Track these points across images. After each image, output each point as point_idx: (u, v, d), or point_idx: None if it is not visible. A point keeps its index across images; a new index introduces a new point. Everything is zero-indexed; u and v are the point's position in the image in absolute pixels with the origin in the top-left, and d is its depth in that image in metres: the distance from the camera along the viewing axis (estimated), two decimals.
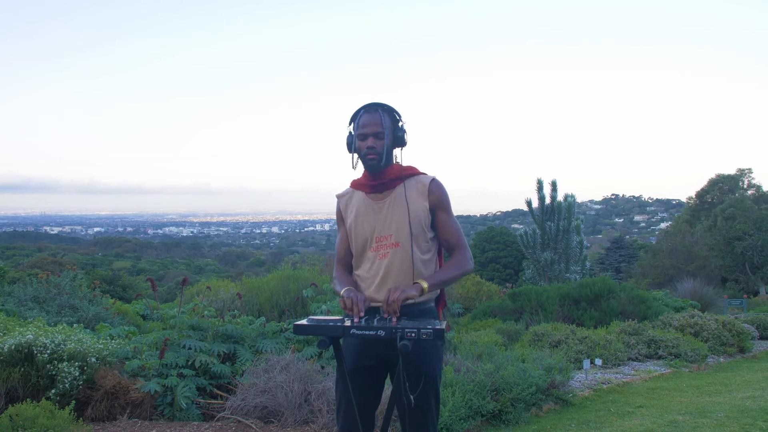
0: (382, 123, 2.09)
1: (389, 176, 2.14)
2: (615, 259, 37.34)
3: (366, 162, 2.11)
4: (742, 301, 14.67)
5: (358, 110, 2.15)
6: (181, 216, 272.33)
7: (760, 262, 25.55)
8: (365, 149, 2.09)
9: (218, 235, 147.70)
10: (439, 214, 2.16)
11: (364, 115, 2.12)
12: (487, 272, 33.28)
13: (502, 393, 4.16)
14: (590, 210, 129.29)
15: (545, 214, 15.46)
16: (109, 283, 21.96)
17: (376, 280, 2.12)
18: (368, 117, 2.11)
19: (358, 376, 2.10)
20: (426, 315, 2.14)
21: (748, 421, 3.98)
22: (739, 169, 32.90)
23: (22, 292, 6.99)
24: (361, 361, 2.10)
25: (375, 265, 2.13)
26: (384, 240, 2.12)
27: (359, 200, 2.20)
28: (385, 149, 2.11)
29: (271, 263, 37.83)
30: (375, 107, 2.13)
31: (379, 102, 2.15)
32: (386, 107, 2.15)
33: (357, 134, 2.11)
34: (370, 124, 2.09)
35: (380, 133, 2.09)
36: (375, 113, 2.11)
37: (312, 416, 3.74)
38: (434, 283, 2.02)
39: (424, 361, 2.05)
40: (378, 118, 2.10)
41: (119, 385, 3.83)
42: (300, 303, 7.85)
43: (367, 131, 2.09)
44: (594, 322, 8.53)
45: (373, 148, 2.08)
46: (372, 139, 2.08)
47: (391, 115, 2.15)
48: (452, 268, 2.10)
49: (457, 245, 2.16)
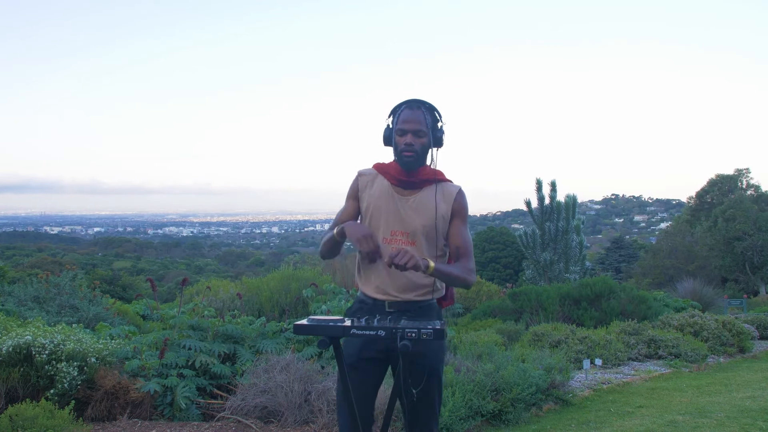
0: (424, 121, 2.08)
1: (421, 176, 2.13)
2: (615, 259, 37.35)
3: (402, 158, 2.09)
4: (742, 301, 14.67)
5: (400, 104, 2.14)
6: (181, 216, 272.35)
7: (760, 262, 25.55)
8: (403, 145, 2.08)
9: (218, 235, 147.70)
10: (456, 221, 2.15)
11: (405, 110, 2.10)
12: (487, 272, 33.30)
13: (502, 393, 4.16)
14: (590, 210, 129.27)
15: (545, 215, 15.46)
16: (109, 283, 21.97)
17: (383, 273, 2.12)
18: (410, 113, 2.09)
19: (361, 367, 2.11)
20: (430, 311, 2.14)
21: (748, 421, 3.98)
22: (737, 169, 32.95)
23: (22, 292, 6.99)
24: (365, 353, 2.11)
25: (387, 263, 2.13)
26: (399, 235, 2.11)
27: (383, 187, 2.17)
28: (423, 148, 2.09)
29: (271, 263, 37.85)
30: (418, 104, 2.11)
31: (422, 99, 2.13)
32: (429, 105, 2.13)
33: (396, 129, 2.10)
34: (411, 120, 2.07)
35: (421, 131, 2.07)
36: (417, 110, 2.09)
37: (312, 416, 3.74)
38: (440, 270, 1.97)
39: (429, 356, 2.06)
40: (420, 116, 2.08)
41: (119, 385, 3.82)
42: (300, 303, 7.86)
43: (407, 127, 2.07)
44: (594, 322, 8.53)
45: (411, 145, 2.07)
46: (411, 136, 2.07)
47: (432, 115, 2.13)
48: (458, 268, 2.07)
49: (466, 254, 2.12)
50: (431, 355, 2.06)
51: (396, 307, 2.13)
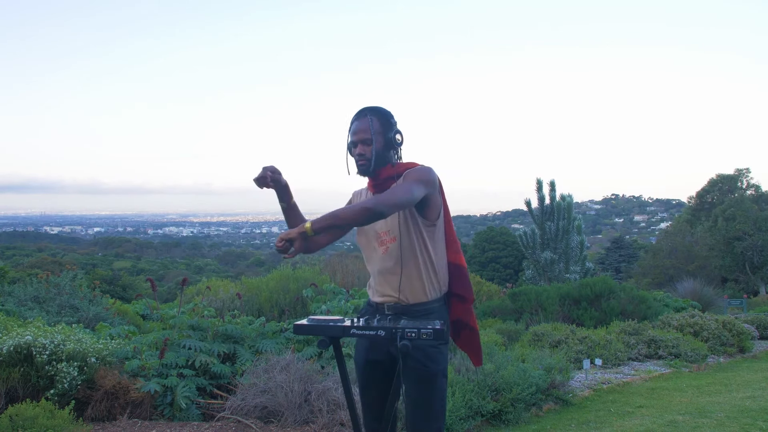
0: (370, 128, 2.13)
1: (384, 175, 2.19)
2: (615, 259, 37.35)
3: (357, 168, 2.18)
4: (742, 301, 14.67)
5: (352, 117, 2.21)
6: (181, 216, 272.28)
7: (760, 262, 25.54)
8: (356, 156, 2.16)
9: (218, 235, 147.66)
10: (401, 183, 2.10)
11: (354, 122, 2.18)
12: (487, 272, 33.30)
13: (502, 393, 4.16)
14: (590, 210, 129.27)
15: (545, 214, 15.47)
16: (109, 283, 21.97)
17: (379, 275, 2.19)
18: (357, 124, 2.16)
19: (369, 370, 2.17)
20: (429, 315, 2.12)
21: (748, 421, 3.98)
22: (737, 169, 32.94)
23: (22, 292, 6.99)
24: (371, 355, 2.17)
25: (380, 259, 2.19)
26: (384, 235, 2.18)
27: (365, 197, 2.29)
28: (374, 154, 2.13)
29: (271, 263, 37.84)
30: (364, 113, 2.17)
31: (369, 106, 2.19)
32: (375, 110, 2.17)
33: (349, 142, 2.18)
34: (358, 131, 2.15)
35: (368, 139, 2.13)
36: (364, 119, 2.15)
37: (312, 416, 3.74)
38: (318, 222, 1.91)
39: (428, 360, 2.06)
40: (366, 124, 2.14)
41: (119, 385, 3.82)
42: (300, 303, 7.85)
43: (356, 138, 2.15)
44: (594, 322, 8.53)
45: (362, 155, 2.14)
46: (361, 146, 2.14)
47: (380, 118, 2.16)
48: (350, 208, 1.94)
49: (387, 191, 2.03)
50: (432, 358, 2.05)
51: (394, 309, 2.16)
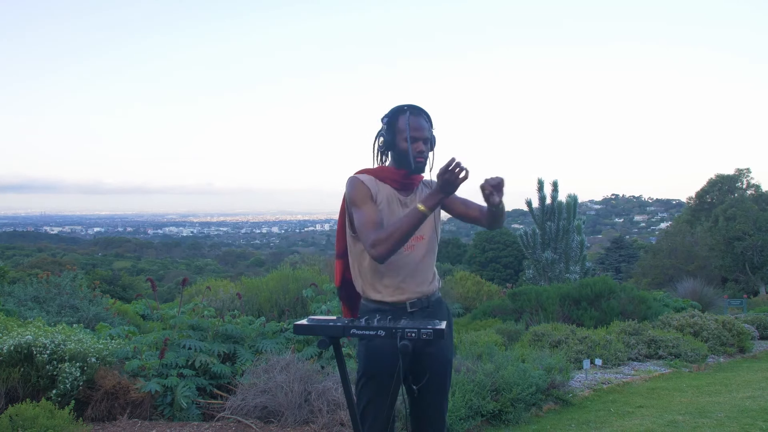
0: (429, 129, 2.20)
1: (419, 178, 2.27)
2: (615, 259, 37.37)
3: (415, 164, 2.17)
4: (742, 301, 14.68)
5: (401, 110, 2.17)
6: (181, 216, 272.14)
7: (760, 262, 25.55)
8: (416, 152, 2.16)
9: (218, 235, 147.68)
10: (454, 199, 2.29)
11: (412, 117, 2.17)
12: (487, 272, 33.28)
13: (502, 393, 4.16)
14: (590, 210, 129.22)
15: (545, 214, 15.47)
16: (109, 283, 21.98)
17: (403, 271, 2.15)
18: (418, 121, 2.17)
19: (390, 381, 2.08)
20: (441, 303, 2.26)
21: (748, 421, 3.98)
22: (738, 169, 32.96)
23: (22, 292, 7.00)
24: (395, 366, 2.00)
25: (402, 256, 2.15)
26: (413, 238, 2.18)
27: (389, 192, 2.21)
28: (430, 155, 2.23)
29: (271, 263, 37.85)
30: (419, 110, 2.20)
31: (420, 107, 2.22)
32: (427, 113, 2.23)
33: (410, 136, 2.15)
34: (421, 128, 2.17)
35: (428, 138, 2.19)
36: (420, 117, 2.19)
37: (312, 416, 3.74)
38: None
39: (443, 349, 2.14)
40: (425, 123, 2.19)
41: (119, 385, 3.82)
42: (300, 303, 7.86)
43: (419, 135, 2.16)
44: (594, 322, 8.53)
45: (422, 153, 2.17)
46: (421, 144, 2.17)
47: (430, 121, 2.24)
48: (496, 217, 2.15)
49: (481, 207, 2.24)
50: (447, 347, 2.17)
51: (417, 306, 2.16)
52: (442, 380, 2.15)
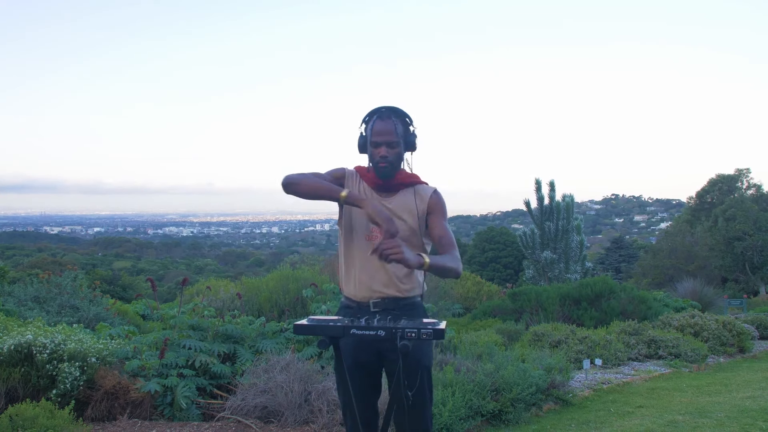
0: (395, 131, 2.10)
1: (396, 181, 2.17)
2: (615, 259, 37.35)
3: (378, 170, 2.13)
4: (742, 301, 14.68)
5: (372, 113, 2.15)
6: (181, 216, 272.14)
7: (760, 262, 25.54)
8: (378, 157, 2.11)
9: (218, 235, 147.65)
10: (433, 216, 2.17)
11: (377, 121, 2.12)
12: (487, 272, 33.27)
13: (502, 393, 4.16)
14: (590, 210, 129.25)
15: (544, 215, 15.47)
16: (109, 283, 21.98)
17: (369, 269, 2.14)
18: (382, 124, 2.11)
19: (357, 371, 2.14)
20: (414, 308, 2.16)
21: (748, 421, 3.98)
22: (738, 169, 32.95)
23: (22, 292, 6.99)
24: (358, 356, 2.14)
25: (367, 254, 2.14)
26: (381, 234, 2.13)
27: (365, 189, 2.21)
28: (397, 157, 2.13)
29: (271, 263, 37.87)
30: (388, 113, 2.13)
31: (392, 107, 2.15)
32: (399, 113, 2.15)
33: (371, 141, 2.12)
34: (384, 132, 2.10)
35: (394, 142, 2.10)
36: (388, 120, 2.11)
37: (312, 416, 3.74)
38: (435, 264, 1.96)
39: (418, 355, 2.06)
40: (391, 126, 2.10)
41: (119, 385, 3.82)
42: (300, 303, 7.86)
43: (381, 140, 2.10)
44: (594, 322, 8.53)
45: (385, 157, 2.10)
46: (385, 148, 2.10)
47: (403, 121, 2.15)
48: (450, 260, 2.05)
49: (451, 243, 2.12)
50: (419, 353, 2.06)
51: (381, 306, 2.12)
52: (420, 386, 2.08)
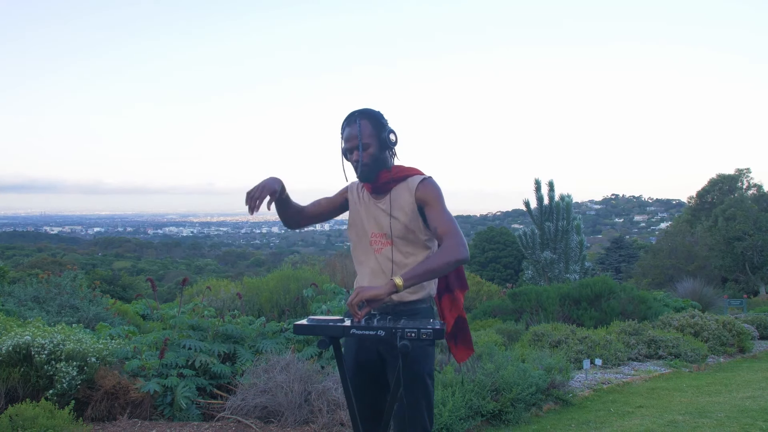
0: (363, 133, 2.10)
1: (382, 180, 2.17)
2: (615, 259, 37.34)
3: (358, 174, 2.16)
4: (742, 301, 14.69)
5: (343, 121, 2.17)
6: (181, 216, 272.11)
7: (760, 262, 25.54)
8: (354, 162, 2.14)
9: (218, 235, 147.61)
10: (427, 209, 2.13)
11: (346, 128, 2.15)
12: (487, 272, 33.29)
13: (502, 393, 4.16)
14: (590, 210, 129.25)
15: (544, 215, 15.47)
16: (109, 283, 21.97)
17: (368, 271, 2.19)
18: (349, 130, 2.13)
19: (359, 372, 2.15)
20: (419, 315, 2.10)
21: (748, 421, 3.98)
22: (738, 169, 32.97)
23: (22, 292, 6.99)
24: (360, 357, 2.15)
25: (372, 258, 2.19)
26: (378, 237, 2.18)
27: (365, 195, 2.25)
28: (372, 158, 2.12)
29: (271, 263, 37.87)
30: (354, 117, 2.13)
31: (358, 110, 2.15)
32: (365, 113, 2.14)
33: (343, 149, 2.17)
34: (351, 137, 2.12)
35: (363, 144, 2.10)
36: (354, 125, 2.12)
37: (312, 416, 3.74)
38: (411, 277, 1.89)
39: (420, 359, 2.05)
40: (356, 130, 2.11)
41: (119, 385, 3.82)
42: (300, 303, 7.86)
43: (350, 145, 2.12)
44: (594, 322, 8.53)
45: (357, 161, 2.12)
46: (356, 153, 2.12)
47: (371, 120, 2.13)
48: (435, 258, 1.97)
49: (445, 233, 2.04)
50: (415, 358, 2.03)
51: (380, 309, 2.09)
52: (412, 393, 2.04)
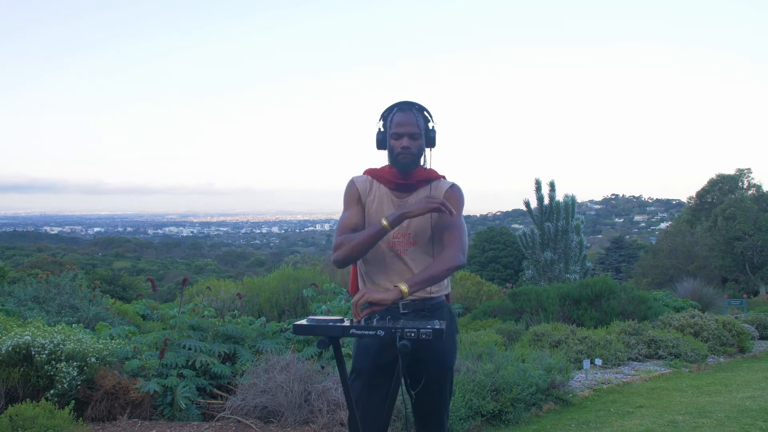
0: (417, 123, 2.08)
1: (416, 177, 2.15)
2: (615, 259, 37.33)
3: (399, 162, 2.10)
4: (742, 301, 14.68)
5: (391, 107, 2.14)
6: (181, 216, 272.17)
7: (760, 262, 25.54)
8: (400, 148, 2.08)
9: (218, 235, 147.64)
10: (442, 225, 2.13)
11: (398, 113, 2.10)
12: (487, 272, 33.27)
13: (502, 393, 4.16)
14: (590, 210, 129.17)
15: (544, 215, 15.47)
16: (109, 283, 21.96)
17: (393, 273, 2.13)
18: (403, 116, 2.09)
19: (377, 375, 2.11)
20: (440, 309, 2.15)
21: (748, 421, 3.98)
22: (738, 169, 32.96)
23: (22, 292, 6.99)
24: (381, 359, 2.10)
25: (391, 259, 2.13)
26: (402, 237, 2.12)
27: (382, 192, 2.18)
28: (419, 150, 2.11)
29: (272, 263, 37.88)
30: (409, 106, 2.12)
31: (413, 101, 2.14)
32: (420, 107, 2.13)
33: (391, 133, 2.10)
34: (405, 123, 2.08)
35: (416, 134, 2.08)
36: (410, 113, 2.09)
37: (312, 416, 3.74)
38: (416, 284, 1.91)
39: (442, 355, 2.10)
40: (413, 118, 2.08)
41: (119, 385, 3.82)
42: (300, 303, 7.86)
43: (402, 131, 2.08)
44: (594, 322, 8.53)
45: (407, 149, 2.07)
46: (407, 140, 2.07)
47: (423, 116, 2.13)
48: (437, 265, 2.00)
49: (448, 240, 2.07)
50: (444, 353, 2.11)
51: (411, 307, 2.11)
52: (439, 387, 2.11)
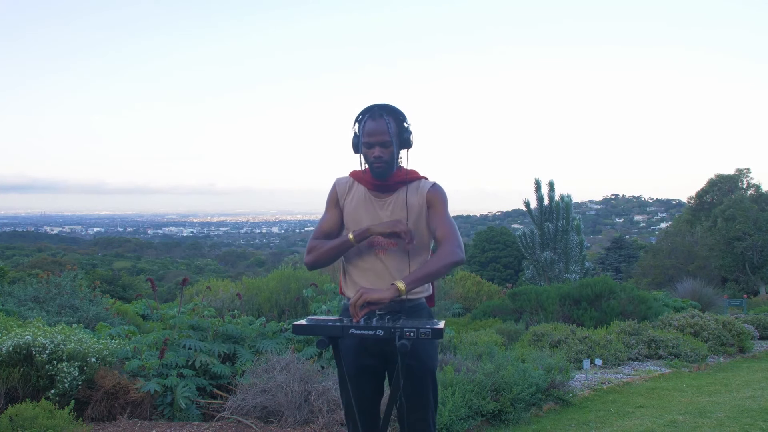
0: (388, 130, 2.05)
1: (394, 180, 2.15)
2: (615, 259, 37.34)
3: (373, 170, 2.10)
4: (742, 301, 14.68)
5: (364, 112, 2.11)
6: (181, 216, 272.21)
7: (760, 262, 25.54)
8: (372, 158, 2.08)
9: (218, 235, 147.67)
10: (431, 211, 2.14)
11: (369, 121, 2.07)
12: (487, 272, 33.29)
13: (502, 393, 4.16)
14: (590, 210, 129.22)
15: (543, 215, 15.48)
16: (109, 283, 21.96)
17: (371, 274, 2.13)
18: (374, 124, 2.06)
19: (360, 376, 2.11)
20: (418, 311, 2.13)
21: (748, 421, 3.98)
22: (738, 169, 32.97)
23: (22, 292, 7.00)
24: (362, 360, 2.11)
25: (372, 259, 2.14)
26: (381, 237, 2.12)
27: (360, 193, 2.19)
28: (392, 156, 2.09)
29: (272, 263, 37.88)
30: (380, 112, 2.08)
31: (383, 105, 2.10)
32: (391, 110, 2.10)
33: (363, 141, 2.09)
34: (376, 132, 2.05)
35: (387, 141, 2.06)
36: (380, 120, 2.06)
37: (312, 416, 3.74)
38: (413, 281, 1.91)
39: (421, 357, 2.05)
40: (384, 126, 2.05)
41: (119, 385, 3.82)
42: (300, 303, 7.86)
43: (374, 140, 2.06)
44: (594, 322, 8.53)
45: (380, 158, 2.07)
46: (379, 149, 2.06)
47: (396, 119, 2.11)
48: (433, 262, 2.00)
49: (443, 237, 2.07)
50: (425, 355, 2.06)
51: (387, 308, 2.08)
52: (420, 389, 2.07)
